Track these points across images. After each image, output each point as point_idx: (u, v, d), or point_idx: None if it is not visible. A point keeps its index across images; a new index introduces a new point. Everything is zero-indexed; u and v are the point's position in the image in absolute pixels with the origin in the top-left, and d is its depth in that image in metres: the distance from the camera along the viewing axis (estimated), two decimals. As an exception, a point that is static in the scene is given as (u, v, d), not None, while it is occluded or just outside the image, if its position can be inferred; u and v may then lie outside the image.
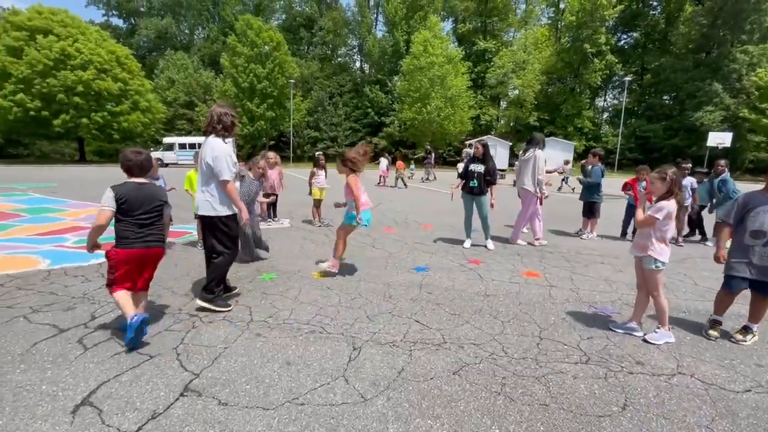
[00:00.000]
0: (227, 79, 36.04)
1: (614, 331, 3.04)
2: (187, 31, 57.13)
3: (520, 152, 5.99)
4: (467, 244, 5.77)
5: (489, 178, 5.51)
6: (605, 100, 51.23)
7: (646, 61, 43.58)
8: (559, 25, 44.85)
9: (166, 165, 31.01)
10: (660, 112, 41.28)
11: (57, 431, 1.86)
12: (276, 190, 6.98)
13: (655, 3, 43.43)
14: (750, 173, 33.80)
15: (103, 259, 4.41)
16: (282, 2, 54.77)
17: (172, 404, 2.07)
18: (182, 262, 4.65)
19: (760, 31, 35.19)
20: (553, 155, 33.74)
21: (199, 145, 25.62)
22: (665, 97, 43.29)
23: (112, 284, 2.71)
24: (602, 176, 6.64)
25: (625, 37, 46.65)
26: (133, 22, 57.14)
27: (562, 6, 43.88)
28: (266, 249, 4.95)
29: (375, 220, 7.63)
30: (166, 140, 33.08)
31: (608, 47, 40.32)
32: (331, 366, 2.47)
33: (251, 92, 35.34)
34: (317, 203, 7.06)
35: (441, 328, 3.03)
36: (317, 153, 7.42)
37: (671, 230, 2.84)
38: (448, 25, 51.19)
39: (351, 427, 1.93)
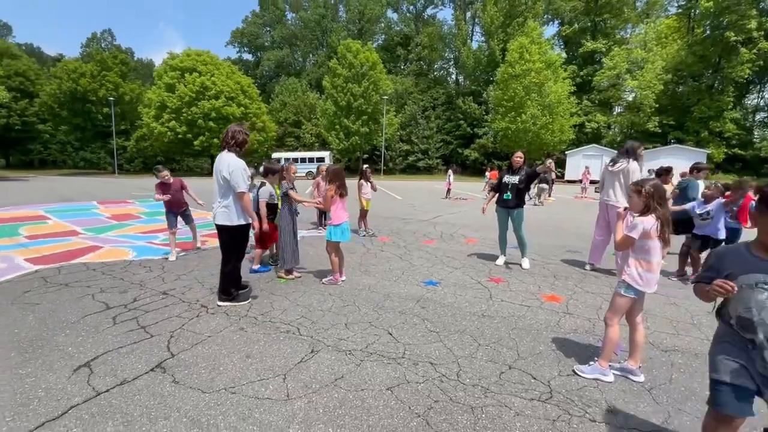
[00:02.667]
0: (328, 99, 39.45)
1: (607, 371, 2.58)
2: (300, 59, 64.41)
3: (608, 162, 5.09)
4: (500, 261, 5.39)
5: (521, 190, 5.15)
6: (761, 97, 41.68)
7: (821, 45, 34.26)
8: (693, 14, 38.27)
9: (274, 177, 35.20)
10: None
11: (57, 382, 2.40)
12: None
13: (836, -29, 34.02)
14: None
15: (173, 257, 5.33)
16: (382, 25, 58.04)
17: (139, 376, 2.49)
18: (226, 261, 5.34)
19: None
20: (678, 165, 28.72)
21: (303, 159, 28.82)
22: None
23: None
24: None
25: (788, 18, 37.46)
26: (259, 55, 66.71)
27: (696, -9, 37.43)
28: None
29: (419, 232, 7.62)
30: (275, 155, 37.56)
31: (761, 33, 32.90)
32: (280, 364, 2.64)
33: (348, 110, 38.04)
34: (363, 213, 7.34)
35: (409, 343, 2.97)
36: (364, 166, 7.73)
37: (655, 251, 2.34)
38: (552, 29, 47.97)
39: (259, 420, 2.08)
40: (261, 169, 5.04)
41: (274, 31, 63.38)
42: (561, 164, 35.48)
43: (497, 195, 5.33)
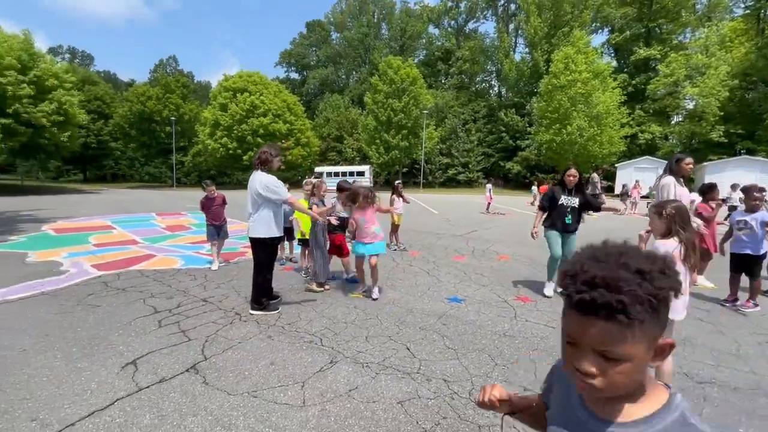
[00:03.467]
0: (369, 115, 40.47)
1: None
2: (343, 76, 66.82)
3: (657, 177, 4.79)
4: (549, 290, 4.62)
5: (579, 213, 4.68)
6: None
7: None
8: (763, 14, 35.24)
9: (316, 190, 36.43)
10: None
11: (107, 377, 2.72)
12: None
13: None
14: None
15: (216, 267, 5.74)
16: (423, 41, 58.90)
17: (176, 375, 2.75)
18: (262, 271, 5.67)
19: None
20: (748, 177, 26.19)
21: (344, 173, 29.84)
22: None
23: None
24: None
25: None
26: (305, 74, 70.09)
27: (765, -11, 34.47)
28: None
29: (451, 248, 7.59)
30: (318, 169, 38.94)
31: None
32: (300, 372, 2.80)
33: (388, 124, 38.77)
34: (395, 228, 7.46)
35: (425, 359, 3.01)
36: (396, 182, 7.88)
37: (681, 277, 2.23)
38: (601, 38, 46.16)
39: (275, 423, 2.23)
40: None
41: (319, 50, 66.42)
42: (610, 177, 33.61)
43: (546, 216, 4.79)
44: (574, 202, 4.60)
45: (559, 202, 4.63)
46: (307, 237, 4.91)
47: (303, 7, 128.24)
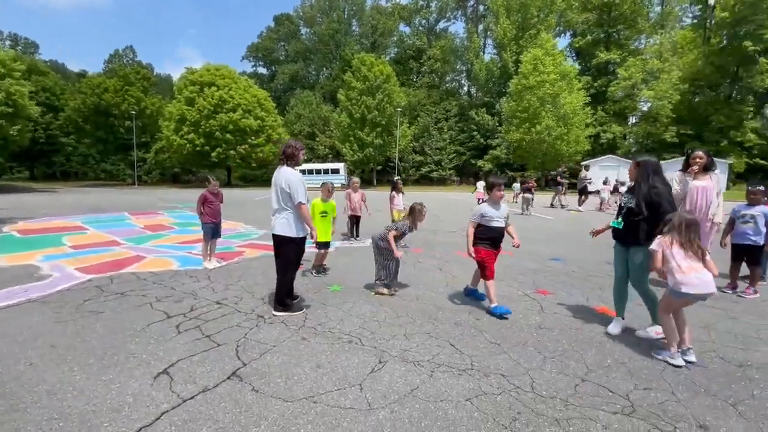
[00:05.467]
0: (342, 112, 40.07)
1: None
2: (313, 72, 65.73)
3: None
4: (614, 328, 3.41)
5: (639, 219, 3.20)
6: (781, 107, 40.98)
7: None
8: (708, 24, 38.04)
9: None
10: None
11: (141, 389, 2.47)
12: (357, 212, 7.58)
13: None
14: None
15: (213, 266, 5.43)
16: (395, 38, 59.03)
17: (219, 384, 2.54)
18: (270, 271, 5.39)
19: None
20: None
21: (318, 171, 29.42)
22: None
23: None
24: None
25: (809, 27, 36.98)
26: (274, 69, 68.29)
27: (711, 1, 37.29)
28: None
29: (451, 244, 7.63)
30: (291, 167, 38.10)
31: (781, 42, 32.51)
32: (353, 374, 2.68)
33: (362, 122, 38.56)
34: (395, 225, 7.38)
35: (473, 355, 2.98)
36: (396, 178, 7.83)
37: (679, 257, 2.84)
38: (564, 41, 48.13)
39: (347, 429, 2.11)
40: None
41: (288, 45, 64.95)
42: (576, 175, 35.24)
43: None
44: (632, 202, 3.30)
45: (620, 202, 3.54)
46: (320, 241, 4.76)
47: None
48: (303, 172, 36.46)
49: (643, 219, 3.21)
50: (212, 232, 5.56)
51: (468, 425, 2.14)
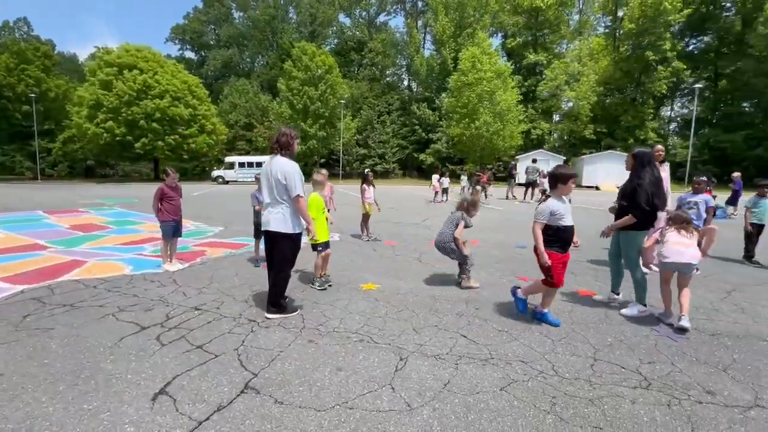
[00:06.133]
0: (283, 102, 38.42)
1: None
2: (248, 60, 62.03)
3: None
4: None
5: (625, 205, 3.60)
6: (672, 110, 47.62)
7: (719, 66, 40.01)
8: (617, 34, 42.74)
9: (227, 182, 33.50)
10: (739, 121, 37.39)
11: (139, 414, 2.11)
12: (327, 206, 7.30)
13: (728, 5, 39.97)
14: None
15: (175, 268, 4.88)
16: (334, 28, 57.83)
17: (234, 399, 2.27)
18: (242, 271, 5.01)
19: None
20: (613, 169, 31.82)
21: (258, 164, 27.57)
22: (745, 104, 39.24)
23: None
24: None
25: (694, 42, 43.30)
26: (203, 54, 63.19)
27: (620, 14, 41.92)
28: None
29: (420, 236, 7.71)
30: (228, 159, 35.78)
31: (674, 53, 37.67)
32: (379, 374, 2.55)
33: (305, 113, 37.34)
34: (366, 218, 7.26)
35: (488, 344, 3.01)
36: (366, 170, 7.68)
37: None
38: (496, 41, 50.86)
39: (398, 430, 1.99)
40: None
41: (219, 29, 60.47)
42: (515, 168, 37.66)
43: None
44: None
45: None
46: (319, 242, 4.14)
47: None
48: (242, 165, 34.45)
49: (627, 206, 3.55)
50: (173, 230, 4.97)
51: (513, 414, 2.15)
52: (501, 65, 37.14)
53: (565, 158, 33.49)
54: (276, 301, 3.45)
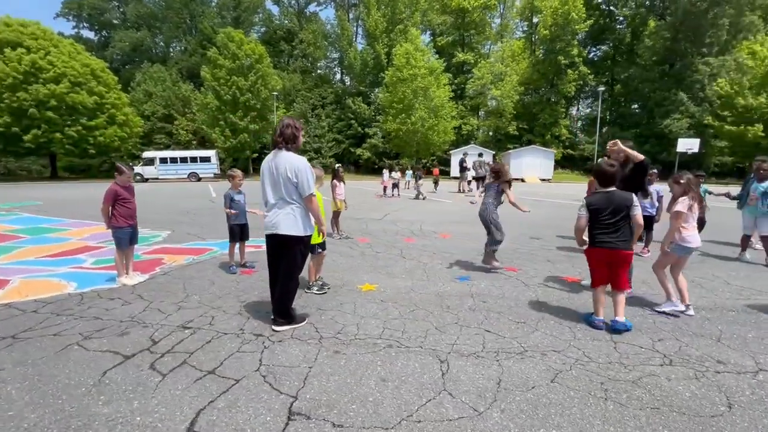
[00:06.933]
0: (208, 92, 35.45)
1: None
2: (162, 44, 56.10)
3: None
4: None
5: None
6: (578, 109, 53.46)
7: (615, 72, 45.87)
8: (534, 39, 46.67)
9: (146, 180, 30.07)
10: (631, 121, 43.33)
11: (177, 466, 1.74)
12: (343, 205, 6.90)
13: (621, 18, 45.91)
14: (715, 176, 35.92)
15: (135, 281, 4.21)
16: (261, 15, 54.77)
17: (284, 428, 1.98)
18: (218, 280, 4.48)
19: (718, 44, 37.70)
20: (535, 163, 34.89)
21: (184, 159, 24.97)
22: (635, 106, 45.53)
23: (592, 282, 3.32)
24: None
25: (594, 49, 49.05)
26: (105, 34, 55.68)
27: (535, 20, 45.76)
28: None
29: (390, 231, 7.64)
30: (146, 155, 32.13)
31: (580, 59, 42.23)
32: (428, 380, 2.43)
33: (234, 105, 34.88)
34: (336, 215, 6.98)
35: (515, 337, 3.04)
36: (337, 165, 7.37)
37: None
38: (426, 38, 52.39)
39: (481, 441, 1.90)
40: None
41: (126, 7, 53.71)
42: (447, 162, 39.31)
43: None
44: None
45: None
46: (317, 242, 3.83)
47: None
48: (164, 160, 31.19)
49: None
50: (129, 238, 4.25)
51: (578, 405, 2.18)
52: (434, 62, 38.36)
53: (494, 153, 35.86)
54: (286, 311, 3.11)
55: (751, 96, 32.01)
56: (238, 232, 4.68)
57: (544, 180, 33.98)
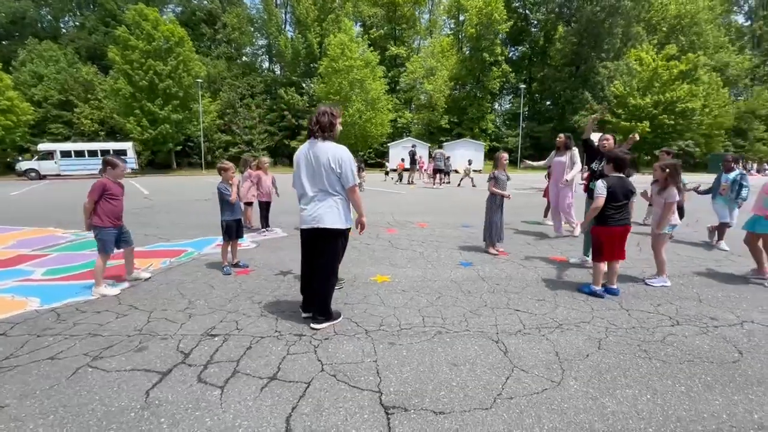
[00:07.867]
0: (119, 76, 31.30)
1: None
2: (50, 17, 48.06)
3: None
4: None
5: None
6: (501, 105, 57.64)
7: (532, 71, 50.15)
8: (461, 36, 48.99)
9: (44, 177, 25.88)
10: (546, 116, 47.89)
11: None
12: (269, 197, 6.49)
13: (535, 22, 50.22)
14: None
15: (116, 291, 3.70)
16: (176, -7, 49.62)
17: (389, 424, 1.93)
18: (216, 282, 4.09)
19: (613, 50, 43.24)
20: (467, 154, 36.89)
21: (90, 152, 22.12)
22: (548, 103, 50.39)
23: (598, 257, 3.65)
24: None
25: (513, 49, 53.04)
26: (-28, 1, 45.94)
27: (462, 18, 48.01)
28: None
29: (371, 222, 7.59)
30: (43, 147, 27.57)
31: (503, 58, 45.39)
32: (494, 360, 2.52)
33: (151, 92, 31.28)
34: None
35: (545, 313, 3.27)
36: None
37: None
38: (358, 29, 52.05)
39: (580, 409, 2.04)
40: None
41: (-1, -30, 44.77)
42: (382, 155, 39.80)
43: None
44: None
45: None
46: None
47: None
48: (66, 154, 27.03)
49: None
50: (116, 239, 3.67)
51: (633, 366, 2.44)
52: (369, 54, 38.31)
53: (429, 145, 37.15)
54: (327, 308, 2.98)
55: (639, 97, 37.40)
56: (235, 229, 4.31)
57: (476, 171, 36.16)
